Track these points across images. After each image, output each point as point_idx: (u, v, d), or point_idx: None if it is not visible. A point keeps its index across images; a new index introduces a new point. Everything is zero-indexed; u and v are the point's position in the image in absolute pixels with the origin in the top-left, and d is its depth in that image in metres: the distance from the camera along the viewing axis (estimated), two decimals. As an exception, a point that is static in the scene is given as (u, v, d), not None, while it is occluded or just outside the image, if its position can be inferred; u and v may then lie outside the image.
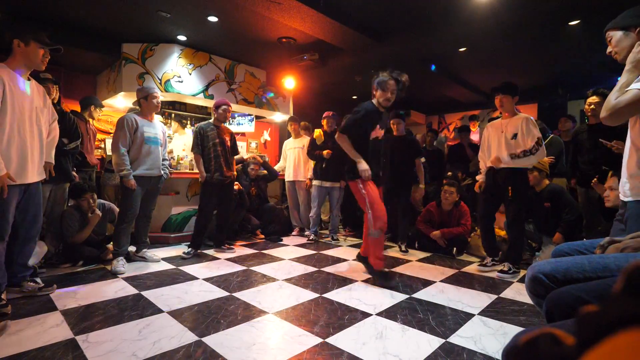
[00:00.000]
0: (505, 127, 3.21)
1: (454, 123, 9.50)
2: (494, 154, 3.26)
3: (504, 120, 3.26)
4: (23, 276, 2.47)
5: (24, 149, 2.24)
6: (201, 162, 3.79)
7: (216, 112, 3.87)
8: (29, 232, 2.42)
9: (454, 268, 3.44)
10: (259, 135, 7.96)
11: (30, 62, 2.27)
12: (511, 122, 3.17)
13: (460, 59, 5.97)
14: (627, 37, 1.59)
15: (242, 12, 4.39)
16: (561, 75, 6.86)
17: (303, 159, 4.99)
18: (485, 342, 1.89)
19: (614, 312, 0.23)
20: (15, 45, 2.21)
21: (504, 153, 3.17)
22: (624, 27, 1.59)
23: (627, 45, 1.59)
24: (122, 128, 3.21)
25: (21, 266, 2.45)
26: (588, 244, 1.38)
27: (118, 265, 3.15)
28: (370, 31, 4.90)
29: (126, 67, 5.28)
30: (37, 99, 2.36)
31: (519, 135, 3.11)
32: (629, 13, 1.59)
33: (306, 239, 4.75)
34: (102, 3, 4.24)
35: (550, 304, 1.05)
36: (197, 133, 3.83)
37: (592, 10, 3.96)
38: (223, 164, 3.83)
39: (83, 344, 1.80)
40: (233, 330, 2.00)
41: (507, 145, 3.18)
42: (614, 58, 1.67)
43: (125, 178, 3.17)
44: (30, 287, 2.47)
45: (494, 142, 3.30)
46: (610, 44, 1.66)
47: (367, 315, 2.24)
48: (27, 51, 2.24)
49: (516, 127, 3.12)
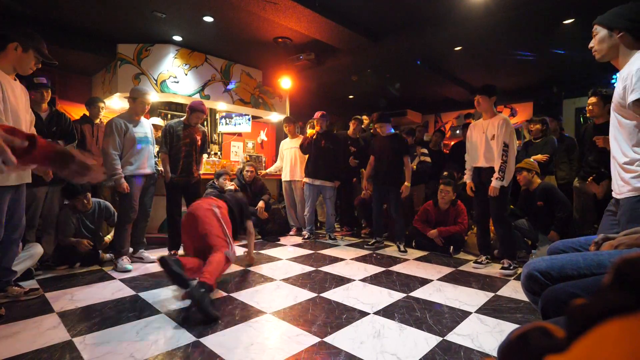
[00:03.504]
0: (486, 127, 3.27)
1: (450, 122, 9.53)
2: (479, 154, 3.33)
3: (484, 121, 3.32)
4: (7, 280, 2.41)
5: None
6: (167, 163, 3.65)
7: (189, 114, 3.72)
8: (12, 235, 2.35)
9: (451, 266, 3.45)
10: (256, 135, 7.96)
11: (20, 67, 2.24)
12: (491, 123, 3.24)
13: (456, 58, 5.99)
14: (610, 38, 1.56)
15: (237, 12, 4.39)
16: (556, 74, 6.90)
17: (300, 159, 4.99)
18: (482, 339, 1.90)
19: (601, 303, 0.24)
20: (12, 48, 2.18)
21: (483, 153, 3.28)
22: (610, 27, 1.56)
23: (608, 47, 1.58)
24: (111, 132, 3.22)
25: (5, 270, 2.39)
26: (583, 241, 1.39)
27: (124, 263, 3.20)
28: (366, 31, 4.92)
29: (122, 68, 5.26)
30: (24, 101, 2.32)
31: (495, 137, 3.19)
32: (619, 11, 1.54)
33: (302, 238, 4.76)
34: (97, 3, 4.23)
35: (546, 301, 1.06)
36: (167, 132, 3.68)
37: (587, 8, 3.99)
38: (192, 163, 3.74)
39: (80, 345, 1.80)
40: (231, 330, 2.00)
41: (487, 146, 3.26)
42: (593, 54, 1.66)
43: (118, 182, 3.17)
44: (16, 291, 2.43)
45: (477, 143, 3.36)
46: (594, 38, 1.64)
47: (364, 314, 2.25)
48: (22, 57, 2.21)
49: (495, 127, 3.19)
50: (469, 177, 3.49)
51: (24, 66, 2.25)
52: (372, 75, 6.74)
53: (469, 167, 3.49)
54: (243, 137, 7.65)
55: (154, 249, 3.80)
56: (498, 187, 3.15)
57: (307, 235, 4.74)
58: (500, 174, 3.13)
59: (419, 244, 4.23)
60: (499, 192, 3.16)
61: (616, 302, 0.23)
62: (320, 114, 4.68)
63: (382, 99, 8.69)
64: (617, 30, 1.53)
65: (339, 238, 4.85)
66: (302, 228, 5.04)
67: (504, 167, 3.12)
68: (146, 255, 3.50)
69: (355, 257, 3.78)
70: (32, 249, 2.82)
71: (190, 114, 3.74)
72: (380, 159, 4.15)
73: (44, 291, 2.58)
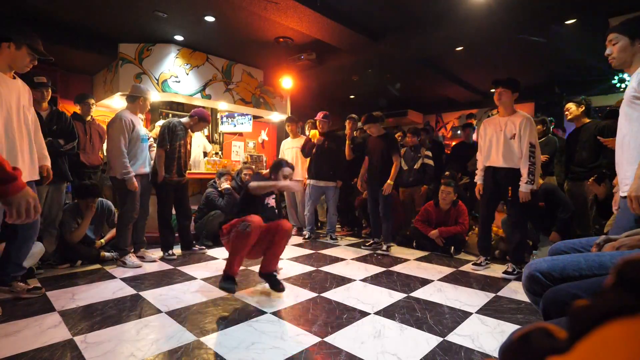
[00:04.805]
0: (504, 124, 3.10)
1: (451, 122, 9.53)
2: (494, 153, 3.16)
3: (502, 118, 3.15)
4: (15, 276, 2.45)
5: (13, 149, 2.16)
6: (162, 160, 3.55)
7: (197, 122, 3.72)
8: (28, 232, 2.41)
9: (452, 267, 3.45)
10: (257, 135, 7.96)
11: (15, 64, 2.21)
12: (511, 120, 3.07)
13: (457, 58, 5.98)
14: (632, 47, 1.55)
15: (239, 12, 4.39)
16: (558, 74, 6.89)
17: (301, 159, 4.99)
18: (482, 340, 1.90)
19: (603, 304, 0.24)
20: (5, 46, 2.15)
21: (501, 152, 3.10)
22: (633, 35, 1.54)
23: (629, 55, 1.57)
24: (121, 130, 3.21)
25: (16, 265, 2.43)
26: (584, 242, 1.39)
27: (132, 260, 3.25)
28: (367, 31, 4.92)
29: (123, 68, 5.27)
30: (23, 98, 2.30)
31: (516, 137, 3.02)
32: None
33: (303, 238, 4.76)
34: (98, 3, 4.23)
35: (547, 301, 1.06)
36: (167, 128, 3.59)
37: (588, 9, 3.99)
38: (183, 165, 3.72)
39: (81, 344, 1.80)
40: (231, 330, 2.00)
41: (506, 145, 3.08)
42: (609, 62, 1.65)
43: (129, 181, 3.18)
44: (20, 287, 2.46)
45: (493, 141, 3.17)
46: (610, 45, 1.63)
47: (365, 314, 2.25)
48: (16, 54, 2.18)
49: (516, 126, 3.02)
50: (480, 179, 3.31)
51: (19, 63, 2.21)
52: (373, 75, 6.74)
53: (480, 167, 3.31)
54: (244, 137, 7.66)
55: (154, 249, 3.80)
56: (528, 191, 2.96)
57: (308, 235, 4.74)
58: (530, 177, 2.94)
59: (419, 244, 4.22)
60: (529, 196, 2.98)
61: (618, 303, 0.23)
62: (322, 114, 4.66)
63: (382, 99, 8.69)
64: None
65: (339, 238, 4.85)
66: (302, 228, 5.05)
67: (532, 169, 2.95)
68: (147, 255, 3.50)
69: (356, 257, 3.78)
70: (33, 248, 2.82)
71: (198, 122, 3.72)
72: (373, 159, 4.15)
73: (45, 290, 2.58)
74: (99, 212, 3.47)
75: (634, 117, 1.58)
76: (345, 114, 5.11)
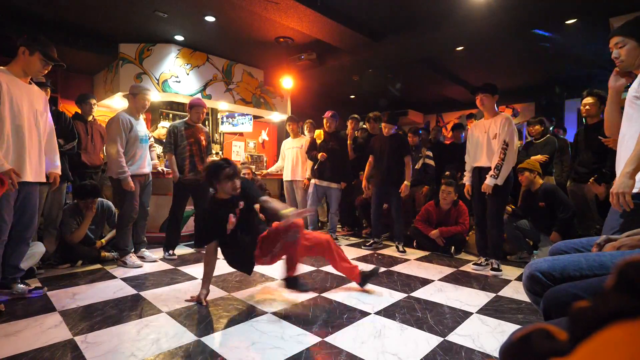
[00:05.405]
0: (488, 127, 3.22)
1: (452, 122, 9.52)
2: (480, 154, 3.27)
3: (486, 120, 3.27)
4: (13, 278, 2.44)
5: (21, 148, 2.25)
6: (174, 162, 3.63)
7: (189, 111, 3.75)
8: (24, 234, 2.40)
9: (452, 267, 3.45)
10: (257, 135, 7.97)
11: (29, 70, 2.34)
12: (494, 121, 3.19)
13: (458, 58, 5.98)
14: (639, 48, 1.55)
15: (239, 12, 4.39)
16: (558, 74, 6.88)
17: (301, 159, 4.98)
18: (483, 340, 1.90)
19: (604, 307, 0.23)
20: (20, 52, 2.29)
21: (485, 153, 3.21)
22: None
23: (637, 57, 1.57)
24: (118, 130, 3.21)
25: (12, 268, 2.42)
26: (585, 242, 1.38)
27: (134, 260, 3.27)
28: (367, 31, 4.91)
29: (123, 68, 5.27)
30: (37, 103, 2.39)
31: (497, 137, 3.12)
32: None
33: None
34: (98, 3, 4.23)
35: (548, 301, 1.06)
36: (171, 132, 3.69)
37: (589, 9, 3.98)
38: (198, 163, 3.71)
39: (82, 344, 1.80)
40: (232, 329, 2.00)
41: (489, 146, 3.20)
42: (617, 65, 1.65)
43: (125, 181, 3.18)
44: (20, 289, 2.45)
45: (479, 142, 3.29)
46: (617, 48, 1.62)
47: (365, 314, 2.25)
48: (29, 60, 2.31)
49: (497, 126, 3.13)
50: (468, 179, 3.41)
51: (32, 69, 2.34)
52: (374, 75, 6.74)
53: (468, 169, 3.41)
54: (244, 137, 7.66)
55: (155, 248, 3.80)
56: (491, 185, 3.06)
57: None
58: (496, 172, 3.04)
59: (420, 244, 4.22)
60: (494, 190, 3.07)
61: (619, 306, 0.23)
62: (330, 113, 4.61)
63: (383, 99, 8.68)
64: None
65: (340, 238, 4.85)
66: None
67: (500, 165, 3.04)
68: (147, 255, 3.50)
69: (356, 257, 3.78)
70: (34, 248, 2.82)
71: (190, 110, 3.75)
72: (380, 159, 4.12)
73: (46, 290, 2.58)
74: (99, 212, 3.47)
75: (634, 117, 1.58)
76: (345, 114, 5.12)
